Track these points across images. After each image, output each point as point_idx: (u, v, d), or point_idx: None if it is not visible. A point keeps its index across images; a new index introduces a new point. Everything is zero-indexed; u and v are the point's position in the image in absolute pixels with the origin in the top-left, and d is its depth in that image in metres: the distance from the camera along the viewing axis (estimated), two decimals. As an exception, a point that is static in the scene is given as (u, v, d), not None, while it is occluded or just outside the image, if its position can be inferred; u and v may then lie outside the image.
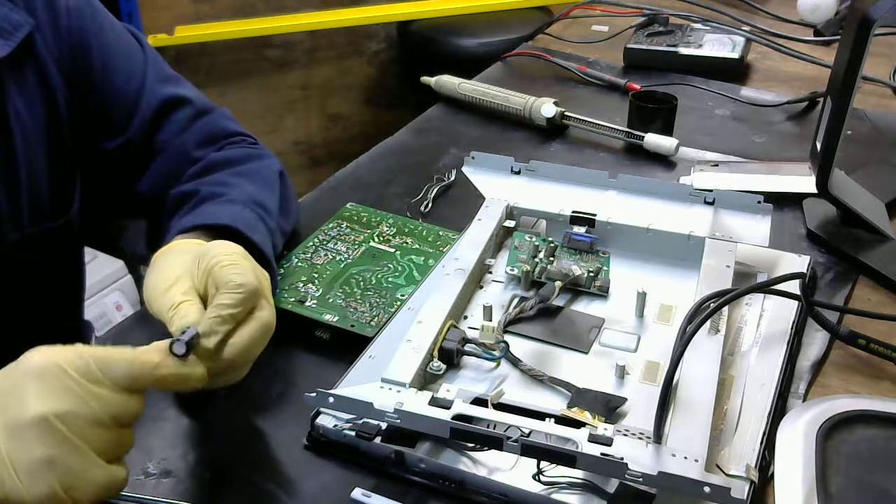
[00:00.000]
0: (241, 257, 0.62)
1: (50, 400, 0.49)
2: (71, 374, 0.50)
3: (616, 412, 0.61)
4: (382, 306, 0.72)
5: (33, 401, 0.49)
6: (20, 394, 0.49)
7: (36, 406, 0.48)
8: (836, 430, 0.59)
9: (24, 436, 0.48)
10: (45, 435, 0.48)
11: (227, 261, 0.61)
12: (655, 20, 1.30)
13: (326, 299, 0.73)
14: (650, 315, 0.71)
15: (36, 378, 0.49)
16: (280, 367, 0.70)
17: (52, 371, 0.50)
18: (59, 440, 0.48)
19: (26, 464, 0.48)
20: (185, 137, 0.81)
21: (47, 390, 0.49)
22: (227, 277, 0.59)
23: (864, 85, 1.14)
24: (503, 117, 1.10)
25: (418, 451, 0.59)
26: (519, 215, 0.81)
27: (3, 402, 0.50)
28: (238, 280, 0.59)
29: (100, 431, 0.50)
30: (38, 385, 0.49)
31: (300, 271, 0.76)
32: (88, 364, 0.51)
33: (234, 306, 0.58)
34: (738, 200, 0.78)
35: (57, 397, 0.49)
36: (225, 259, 0.61)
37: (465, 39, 2.08)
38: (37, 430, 0.48)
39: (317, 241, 0.81)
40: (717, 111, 1.11)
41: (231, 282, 0.59)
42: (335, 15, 2.17)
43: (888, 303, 0.77)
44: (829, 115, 0.78)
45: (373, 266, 0.78)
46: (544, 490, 0.57)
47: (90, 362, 0.51)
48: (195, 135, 0.82)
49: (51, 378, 0.49)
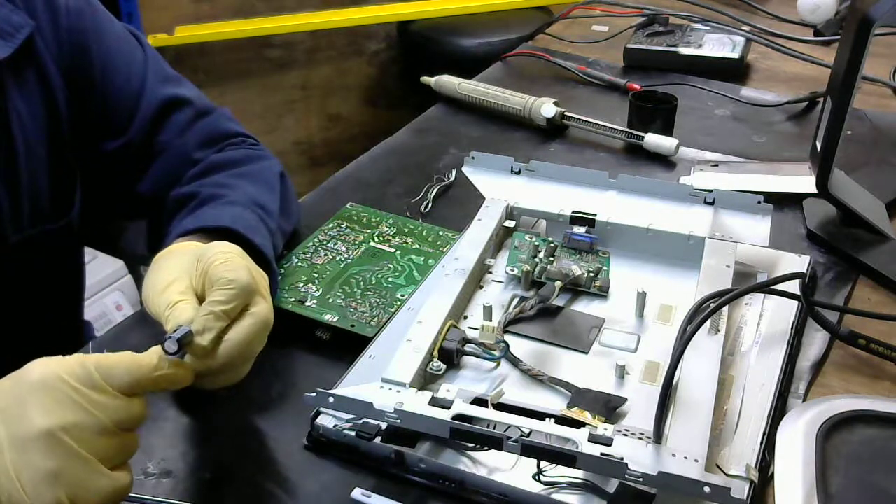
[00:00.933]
0: (236, 256, 0.62)
1: (54, 413, 0.49)
2: (74, 385, 0.50)
3: (616, 412, 0.61)
4: (382, 306, 0.72)
5: (38, 415, 0.48)
6: (24, 407, 0.49)
7: (41, 420, 0.48)
8: (836, 430, 0.59)
9: (29, 450, 0.48)
10: (50, 448, 0.48)
11: (220, 259, 0.61)
12: (655, 20, 1.30)
13: (326, 299, 0.73)
14: (650, 315, 0.71)
15: (39, 391, 0.49)
16: (280, 367, 0.70)
17: (54, 383, 0.49)
18: (65, 453, 0.48)
19: (32, 478, 0.48)
20: (185, 138, 0.81)
21: (51, 403, 0.49)
22: (218, 274, 0.59)
23: (864, 85, 1.14)
24: (503, 117, 1.10)
25: (418, 451, 0.59)
26: (519, 215, 0.81)
27: (7, 416, 0.49)
28: (229, 276, 0.59)
29: (105, 439, 0.50)
30: (42, 398, 0.49)
31: (300, 271, 0.76)
32: (90, 373, 0.50)
33: (226, 302, 0.58)
34: (738, 200, 0.78)
35: (61, 410, 0.49)
36: (218, 258, 0.61)
37: (465, 39, 2.08)
38: (43, 444, 0.48)
39: (317, 241, 0.81)
40: (717, 111, 1.11)
41: (222, 278, 0.59)
42: (335, 15, 2.17)
43: (888, 303, 0.77)
44: (829, 115, 0.78)
45: (373, 266, 0.78)
46: (544, 490, 0.57)
47: (92, 370, 0.50)
48: (196, 136, 0.82)
49: (54, 390, 0.49)
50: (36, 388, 0.49)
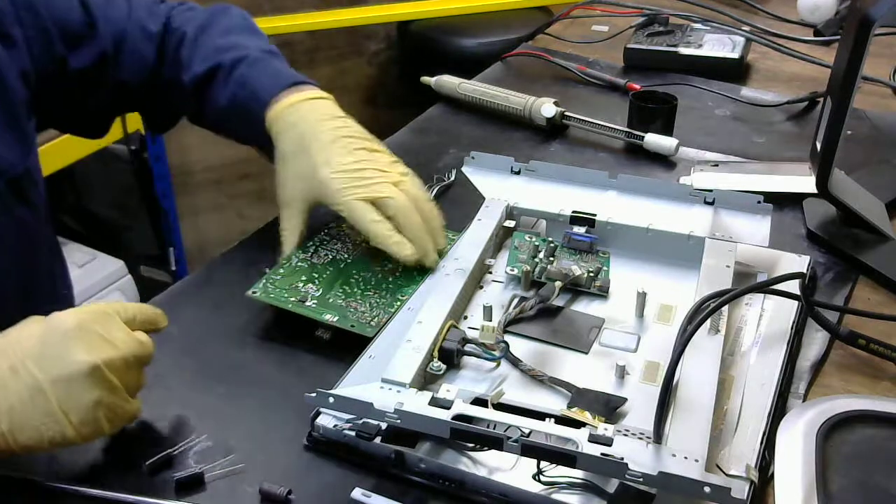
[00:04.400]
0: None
1: (95, 350, 0.56)
2: (104, 327, 0.57)
3: (616, 412, 0.61)
4: (382, 306, 0.72)
5: (82, 352, 0.56)
6: (65, 348, 0.56)
7: (86, 357, 0.55)
8: (836, 430, 0.59)
9: (76, 385, 0.55)
10: (95, 381, 0.56)
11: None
12: (655, 20, 1.30)
13: (327, 299, 0.73)
14: (650, 315, 0.71)
15: (77, 333, 0.56)
16: (280, 367, 0.70)
17: (89, 325, 0.57)
18: (105, 383, 0.56)
19: (79, 410, 0.55)
20: (133, 17, 0.86)
21: (91, 342, 0.56)
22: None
23: (864, 85, 1.14)
24: (503, 117, 1.10)
25: (418, 451, 0.59)
26: (519, 215, 0.81)
27: (45, 359, 0.56)
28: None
29: (130, 372, 0.58)
30: (82, 338, 0.56)
31: (300, 271, 0.76)
32: (113, 316, 0.59)
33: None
34: (738, 200, 0.78)
35: (99, 347, 0.56)
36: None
37: (465, 39, 2.08)
38: (89, 377, 0.55)
39: (317, 241, 0.81)
40: (717, 111, 1.11)
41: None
42: (335, 15, 2.17)
43: (888, 303, 0.77)
44: (829, 115, 0.78)
45: (373, 266, 0.78)
46: (544, 490, 0.57)
47: (113, 315, 0.59)
48: (139, 11, 0.86)
49: (90, 332, 0.57)
50: (74, 332, 0.56)
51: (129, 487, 0.59)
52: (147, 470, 0.60)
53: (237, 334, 0.73)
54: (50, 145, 1.56)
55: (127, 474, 0.60)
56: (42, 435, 0.55)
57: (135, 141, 1.85)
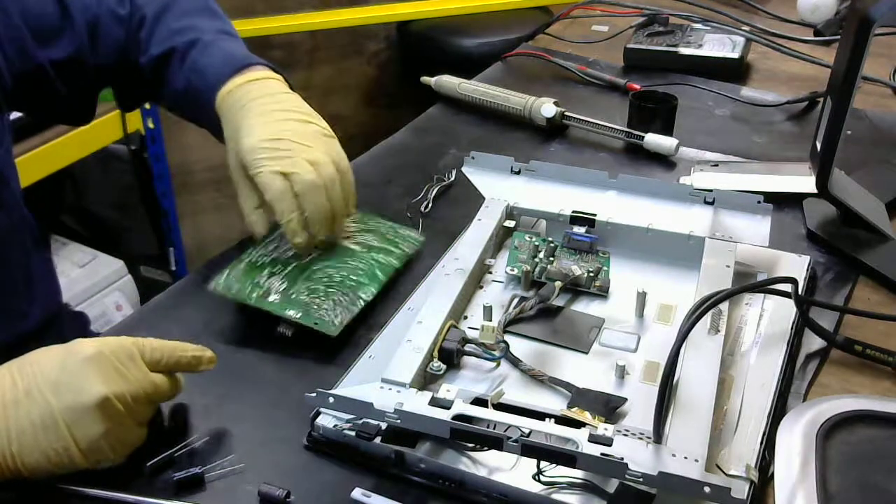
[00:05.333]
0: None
1: (109, 382, 0.57)
2: (122, 360, 0.58)
3: (616, 412, 0.61)
4: (345, 304, 0.72)
5: (97, 383, 0.57)
6: (81, 378, 0.57)
7: (99, 388, 0.56)
8: (836, 430, 0.59)
9: (87, 415, 0.56)
10: (105, 411, 0.57)
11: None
12: (655, 20, 1.30)
13: (290, 295, 0.72)
14: (650, 315, 0.71)
15: (94, 363, 0.57)
16: (280, 367, 0.70)
17: (105, 358, 0.58)
18: (115, 414, 0.57)
19: (88, 439, 0.57)
20: (104, 2, 0.86)
21: (105, 374, 0.57)
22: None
23: (864, 85, 1.14)
24: (503, 117, 1.10)
25: (418, 451, 0.59)
26: (519, 215, 0.81)
27: (60, 387, 0.56)
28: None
29: (139, 406, 0.59)
30: (98, 369, 0.57)
31: (263, 265, 0.75)
32: (133, 353, 0.59)
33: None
34: (738, 200, 0.78)
35: (112, 380, 0.57)
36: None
37: (465, 39, 2.08)
38: (99, 409, 0.56)
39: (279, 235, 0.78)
40: (717, 111, 1.11)
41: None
42: (335, 15, 2.17)
43: (888, 303, 0.77)
44: (829, 115, 0.78)
45: (336, 262, 0.76)
46: (544, 490, 0.57)
47: (134, 351, 0.60)
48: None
49: (105, 364, 0.58)
50: (91, 362, 0.57)
51: (129, 487, 0.59)
52: (148, 471, 0.60)
53: (237, 334, 0.73)
54: (50, 145, 1.56)
55: (127, 474, 0.60)
56: (49, 459, 0.56)
57: (135, 141, 1.85)
